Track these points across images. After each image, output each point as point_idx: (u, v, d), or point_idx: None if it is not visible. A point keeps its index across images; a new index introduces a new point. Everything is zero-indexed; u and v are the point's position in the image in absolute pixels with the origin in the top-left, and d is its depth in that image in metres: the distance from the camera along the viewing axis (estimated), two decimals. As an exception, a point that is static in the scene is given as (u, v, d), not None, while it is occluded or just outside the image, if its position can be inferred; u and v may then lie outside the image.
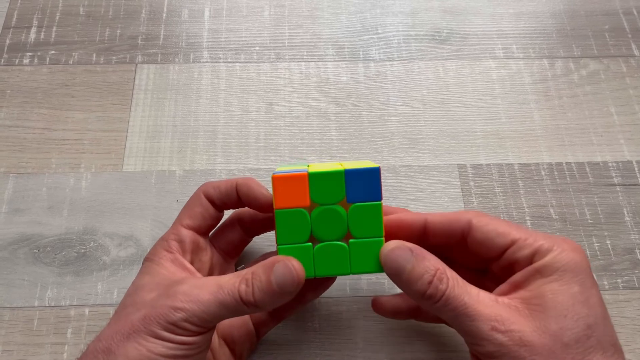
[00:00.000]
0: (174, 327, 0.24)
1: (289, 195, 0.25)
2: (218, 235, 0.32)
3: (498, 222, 0.27)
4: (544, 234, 0.27)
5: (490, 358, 0.24)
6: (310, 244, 0.26)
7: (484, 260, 0.29)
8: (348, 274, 0.27)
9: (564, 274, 0.25)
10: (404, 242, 0.26)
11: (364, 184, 0.26)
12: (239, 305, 0.25)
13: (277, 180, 0.25)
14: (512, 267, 0.27)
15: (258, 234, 0.33)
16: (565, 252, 0.25)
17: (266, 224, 0.32)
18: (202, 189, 0.30)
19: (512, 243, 0.27)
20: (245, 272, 0.25)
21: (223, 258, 0.32)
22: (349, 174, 0.25)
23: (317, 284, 0.31)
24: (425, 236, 0.29)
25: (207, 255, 0.30)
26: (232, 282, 0.25)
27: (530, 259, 0.26)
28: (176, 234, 0.29)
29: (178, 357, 0.24)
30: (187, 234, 0.29)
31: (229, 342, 0.30)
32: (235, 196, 0.29)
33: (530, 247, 0.26)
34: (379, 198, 0.26)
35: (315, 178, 0.25)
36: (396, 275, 0.25)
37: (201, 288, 0.25)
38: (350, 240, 0.26)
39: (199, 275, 0.28)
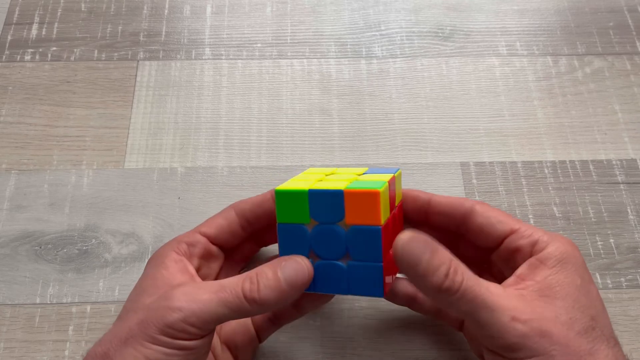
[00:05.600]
0: (172, 329, 0.23)
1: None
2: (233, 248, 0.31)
3: (499, 212, 0.28)
4: (539, 229, 0.27)
5: (509, 351, 0.24)
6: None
7: (481, 250, 0.29)
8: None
9: (566, 266, 0.25)
10: (417, 232, 0.24)
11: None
12: (241, 304, 0.24)
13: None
14: (514, 256, 0.27)
15: (267, 244, 0.32)
16: (563, 245, 0.26)
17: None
18: (233, 204, 0.30)
19: (512, 232, 0.27)
20: (250, 271, 0.25)
21: (235, 270, 0.31)
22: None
23: (315, 295, 0.30)
24: (428, 215, 0.29)
25: (218, 263, 0.30)
26: (235, 281, 0.24)
27: (531, 249, 0.26)
28: (189, 237, 0.28)
29: None
30: (200, 240, 0.28)
31: (232, 348, 0.29)
32: (269, 204, 0.29)
33: (530, 237, 0.27)
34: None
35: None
36: (412, 268, 0.23)
37: (202, 288, 0.24)
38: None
39: (199, 280, 0.28)
